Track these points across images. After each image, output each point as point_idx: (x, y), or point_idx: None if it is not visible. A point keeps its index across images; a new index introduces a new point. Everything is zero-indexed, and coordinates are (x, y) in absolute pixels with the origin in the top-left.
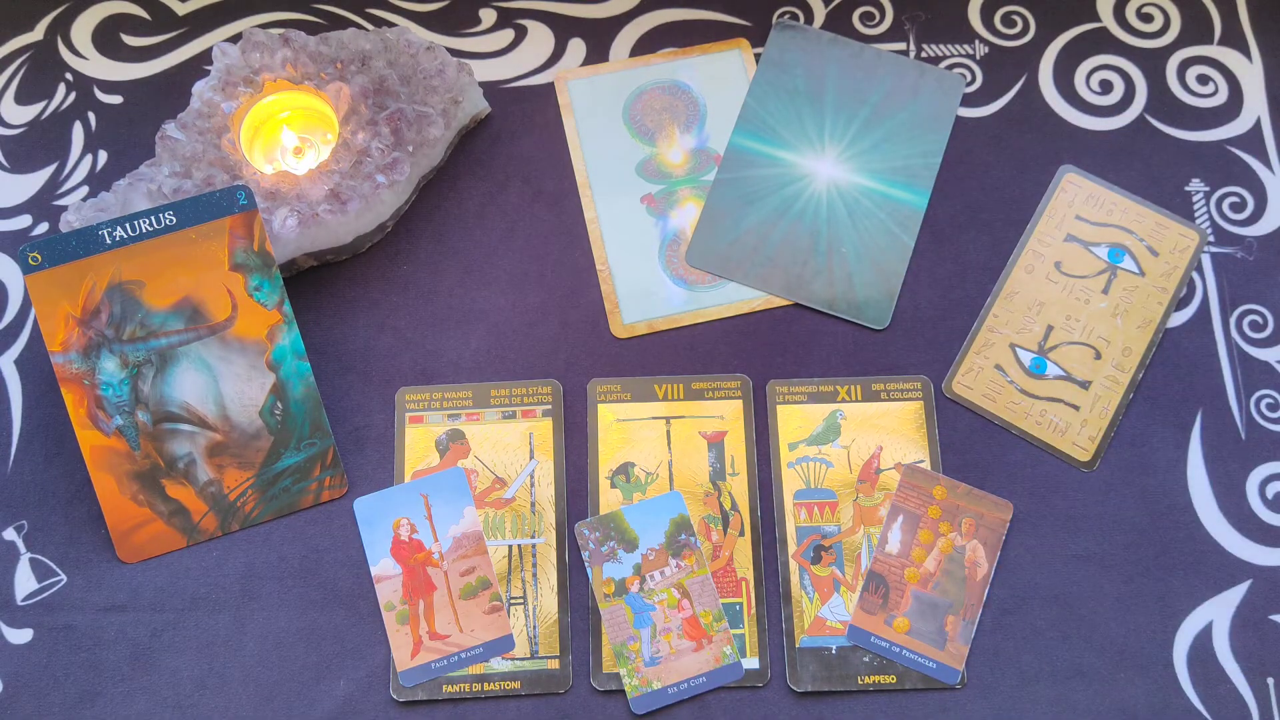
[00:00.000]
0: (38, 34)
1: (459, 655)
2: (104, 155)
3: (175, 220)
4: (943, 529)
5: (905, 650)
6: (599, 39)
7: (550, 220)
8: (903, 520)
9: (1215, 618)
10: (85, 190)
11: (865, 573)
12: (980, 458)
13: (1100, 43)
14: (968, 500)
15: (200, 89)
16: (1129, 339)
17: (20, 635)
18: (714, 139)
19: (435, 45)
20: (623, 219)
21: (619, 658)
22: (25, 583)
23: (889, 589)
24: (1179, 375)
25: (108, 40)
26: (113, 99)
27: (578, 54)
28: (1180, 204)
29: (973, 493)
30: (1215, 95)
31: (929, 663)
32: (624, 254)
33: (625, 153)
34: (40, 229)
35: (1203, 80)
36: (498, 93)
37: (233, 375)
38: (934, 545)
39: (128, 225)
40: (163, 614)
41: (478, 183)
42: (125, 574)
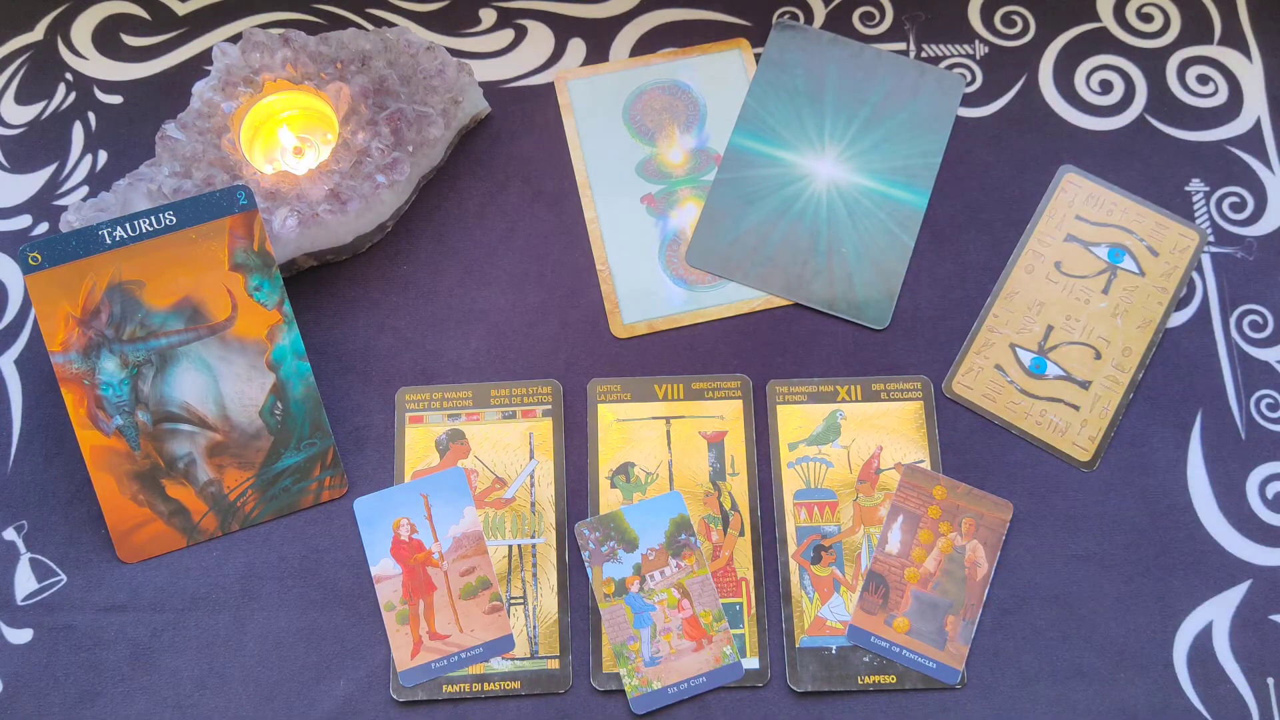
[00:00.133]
0: (38, 34)
1: (459, 655)
2: (104, 155)
3: (175, 220)
4: (943, 529)
5: (905, 650)
6: (599, 39)
7: (550, 220)
8: (903, 520)
9: (1215, 618)
10: (85, 190)
11: (865, 573)
12: (980, 458)
13: (1100, 43)
14: (968, 500)
15: (200, 89)
16: (1129, 339)
17: (20, 635)
18: (714, 139)
19: (435, 45)
20: (623, 219)
21: (619, 658)
22: (25, 583)
23: (889, 589)
24: (1179, 375)
25: (108, 40)
26: (113, 99)
27: (578, 54)
28: (1180, 204)
29: (973, 493)
30: (1215, 95)
31: (929, 663)
32: (624, 254)
33: (625, 153)
34: (40, 229)
35: (1203, 80)
36: (498, 93)
37: (233, 375)
38: (934, 545)
39: (128, 225)
40: (163, 614)
41: (478, 183)
42: (125, 574)
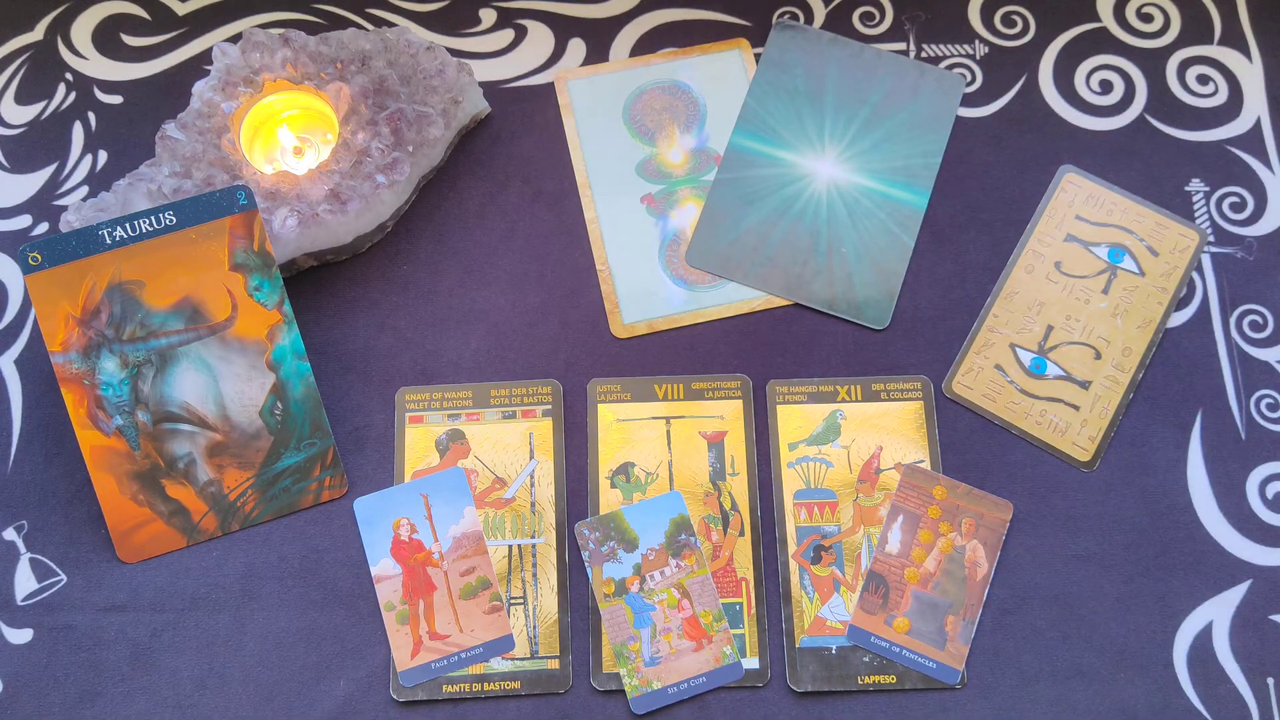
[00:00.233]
0: (38, 34)
1: (459, 655)
2: (104, 155)
3: (175, 220)
4: (943, 529)
5: (905, 650)
6: (599, 39)
7: (550, 220)
8: (903, 520)
9: (1215, 618)
10: (85, 190)
11: (865, 573)
12: (980, 458)
13: (1100, 43)
14: (968, 500)
15: (200, 89)
16: (1129, 339)
17: (20, 635)
18: (714, 139)
19: (435, 45)
20: (623, 219)
21: (619, 658)
22: (25, 583)
23: (889, 589)
24: (1179, 375)
25: (108, 40)
26: (113, 99)
27: (578, 54)
28: (1180, 204)
29: (973, 493)
30: (1215, 95)
31: (929, 663)
32: (624, 254)
33: (625, 153)
34: (40, 229)
35: (1203, 80)
36: (498, 93)
37: (233, 375)
38: (934, 545)
39: (128, 225)
40: (163, 614)
41: (478, 183)
42: (125, 574)
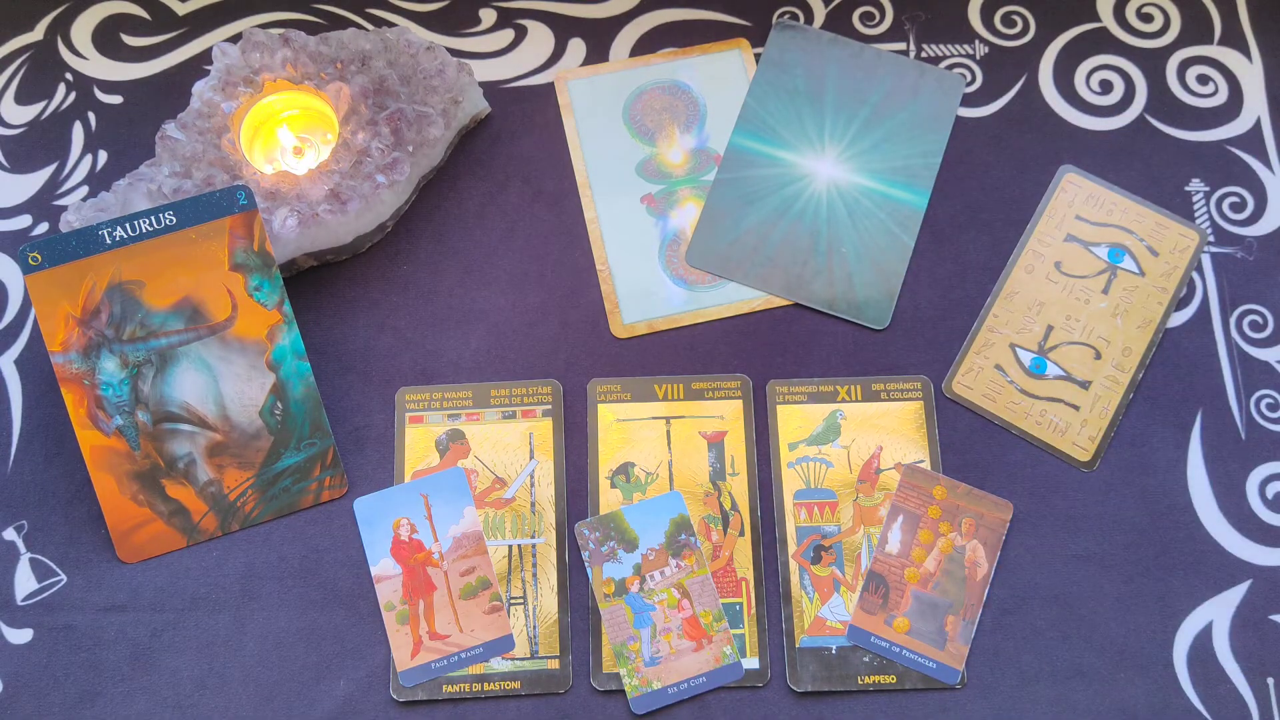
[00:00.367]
0: (38, 34)
1: (459, 655)
2: (104, 155)
3: (175, 220)
4: (943, 529)
5: (905, 650)
6: (599, 39)
7: (550, 220)
8: (903, 520)
9: (1215, 618)
10: (85, 190)
11: (865, 573)
12: (980, 458)
13: (1100, 43)
14: (968, 500)
15: (200, 89)
16: (1129, 339)
17: (20, 635)
18: (714, 139)
19: (435, 45)
20: (623, 219)
21: (619, 658)
22: (25, 583)
23: (889, 589)
24: (1179, 375)
25: (108, 40)
26: (113, 99)
27: (578, 54)
28: (1180, 204)
29: (973, 493)
30: (1215, 95)
31: (929, 663)
32: (624, 254)
33: (625, 153)
34: (40, 229)
35: (1203, 80)
36: (498, 93)
37: (233, 375)
38: (934, 545)
39: (128, 225)
40: (163, 614)
41: (478, 183)
42: (125, 574)
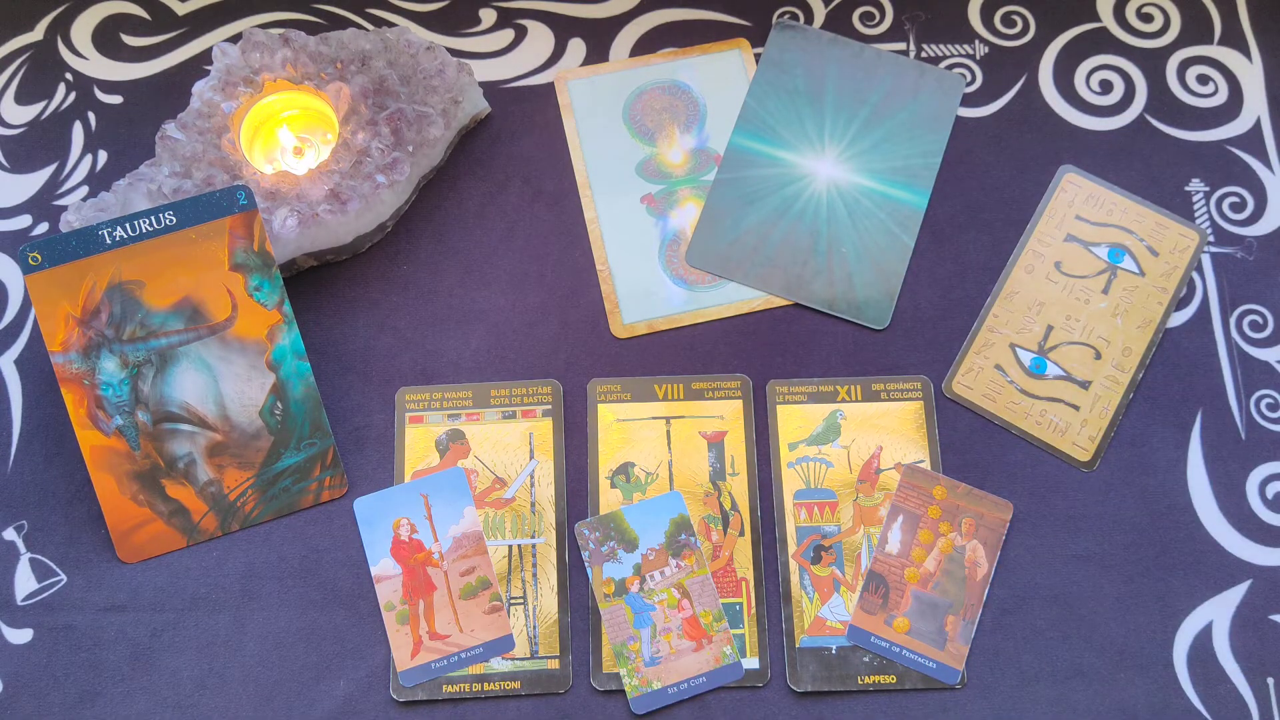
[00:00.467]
0: (38, 34)
1: (459, 655)
2: (104, 155)
3: (175, 220)
4: (943, 529)
5: (905, 650)
6: (599, 39)
7: (550, 220)
8: (903, 520)
9: (1215, 618)
10: (85, 190)
11: (865, 573)
12: (980, 458)
13: (1100, 43)
14: (968, 500)
15: (200, 89)
16: (1129, 339)
17: (20, 635)
18: (714, 139)
19: (435, 45)
20: (623, 219)
21: (619, 658)
22: (25, 583)
23: (889, 589)
24: (1179, 375)
25: (108, 40)
26: (113, 99)
27: (578, 54)
28: (1180, 204)
29: (973, 493)
30: (1215, 95)
31: (929, 663)
32: (624, 254)
33: (625, 153)
34: (40, 229)
35: (1203, 80)
36: (498, 93)
37: (233, 375)
38: (934, 545)
39: (128, 225)
40: (163, 614)
41: (478, 183)
42: (125, 574)
